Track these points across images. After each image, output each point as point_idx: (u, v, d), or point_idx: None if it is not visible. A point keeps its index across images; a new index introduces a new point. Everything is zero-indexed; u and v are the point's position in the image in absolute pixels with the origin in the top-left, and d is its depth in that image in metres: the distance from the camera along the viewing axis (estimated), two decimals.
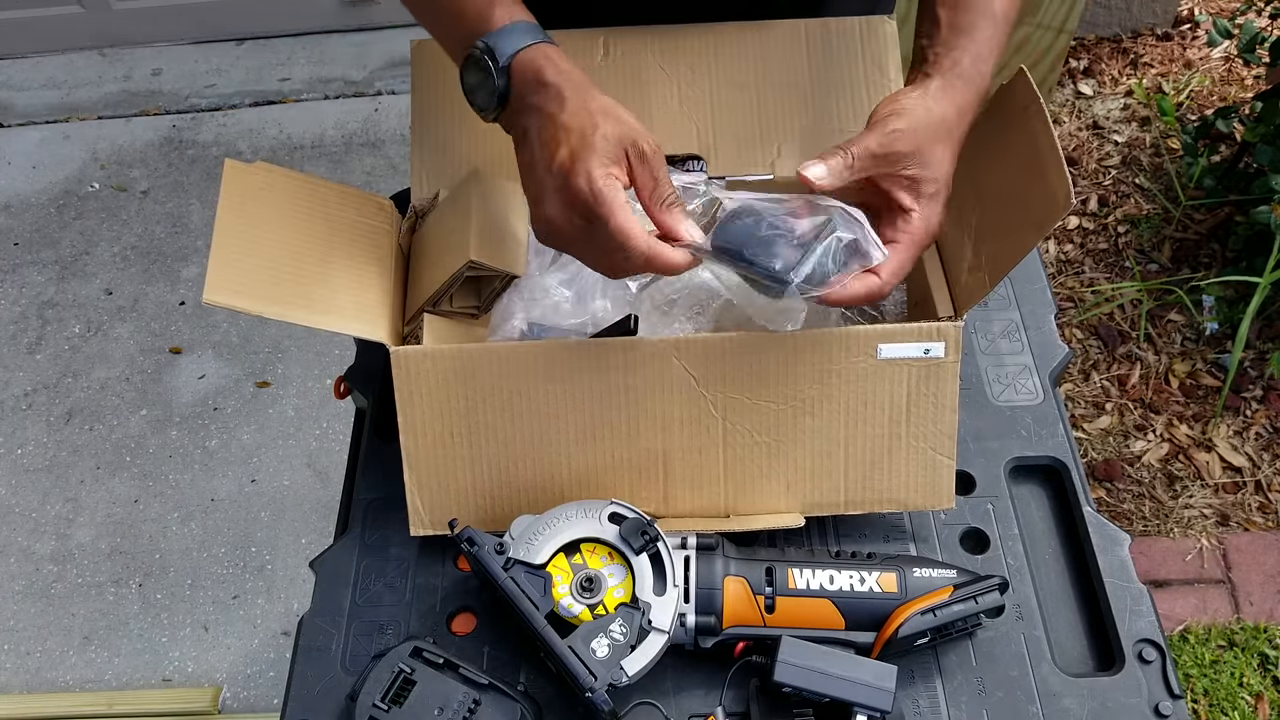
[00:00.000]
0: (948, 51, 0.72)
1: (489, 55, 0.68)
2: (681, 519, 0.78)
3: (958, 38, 0.72)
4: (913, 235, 0.69)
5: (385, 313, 0.79)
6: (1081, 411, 1.89)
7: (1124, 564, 0.79)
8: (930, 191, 0.68)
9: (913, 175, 0.68)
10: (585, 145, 0.64)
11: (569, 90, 0.67)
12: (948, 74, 0.71)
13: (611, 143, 0.65)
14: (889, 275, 0.68)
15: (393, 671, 0.70)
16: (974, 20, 0.73)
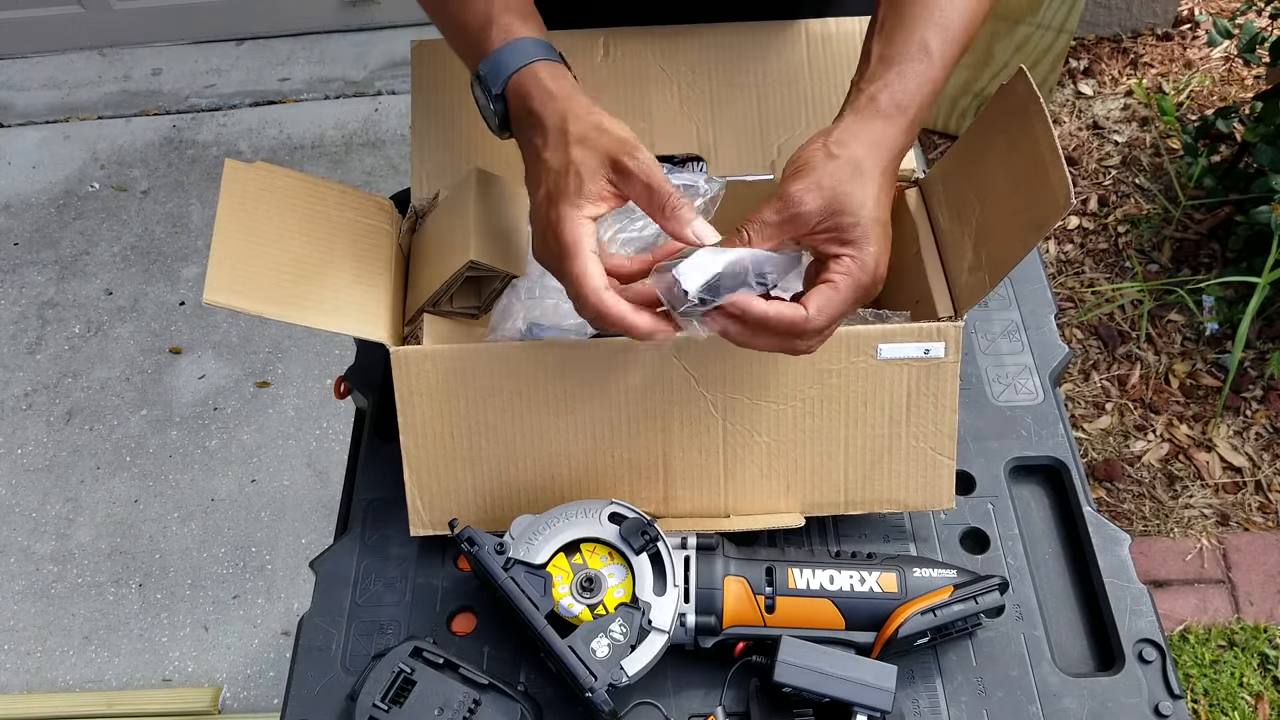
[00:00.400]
0: (867, 87, 0.69)
1: (482, 83, 0.69)
2: (681, 519, 0.78)
3: (884, 72, 0.69)
4: (847, 274, 0.65)
5: (385, 313, 0.79)
6: (1082, 411, 1.89)
7: (1124, 564, 0.79)
8: (855, 236, 0.65)
9: (830, 225, 0.65)
10: (560, 186, 0.65)
11: (551, 119, 0.67)
12: (861, 111, 0.68)
13: (588, 176, 0.65)
14: (815, 309, 0.64)
15: (393, 671, 0.70)
16: (903, 54, 0.70)
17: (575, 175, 0.65)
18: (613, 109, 0.86)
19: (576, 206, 0.65)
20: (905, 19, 0.71)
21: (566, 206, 0.65)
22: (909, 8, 0.71)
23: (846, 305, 0.66)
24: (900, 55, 0.70)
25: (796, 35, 0.90)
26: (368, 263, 0.80)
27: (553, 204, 0.65)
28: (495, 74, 0.69)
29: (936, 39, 0.70)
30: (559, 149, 0.66)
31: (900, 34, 0.70)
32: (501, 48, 0.69)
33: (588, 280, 0.64)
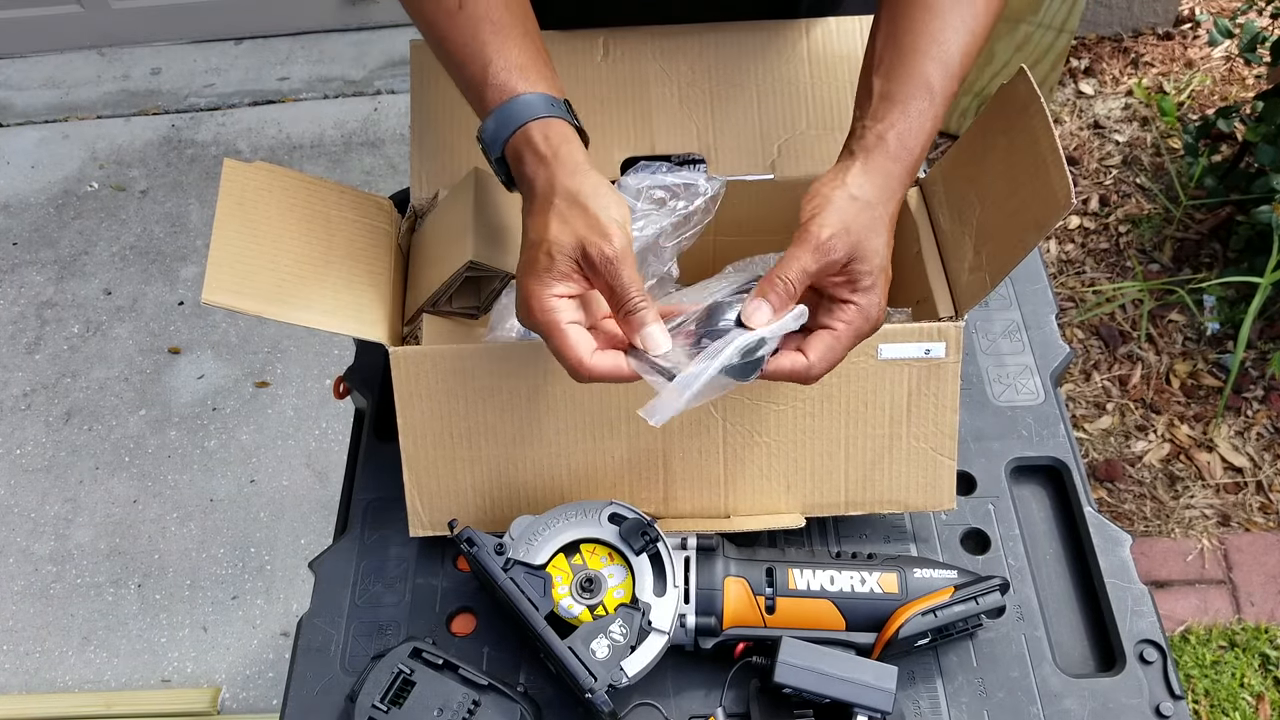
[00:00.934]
0: (874, 125, 0.69)
1: (484, 146, 0.69)
2: (681, 519, 0.78)
3: (888, 110, 0.69)
4: (850, 324, 0.66)
5: (384, 313, 0.78)
6: (1082, 412, 1.89)
7: (1125, 564, 0.79)
8: (866, 285, 0.65)
9: (846, 271, 0.65)
10: (532, 261, 0.65)
11: (540, 186, 0.66)
12: (872, 152, 0.68)
13: (559, 256, 0.64)
14: (817, 358, 0.65)
15: (392, 672, 0.69)
16: (906, 92, 0.69)
17: (547, 254, 0.64)
18: (613, 109, 0.86)
19: (545, 285, 0.64)
20: (906, 55, 0.70)
21: (536, 284, 0.64)
22: (909, 43, 0.70)
23: (845, 351, 0.67)
24: (904, 94, 0.69)
25: (797, 35, 0.90)
26: (367, 263, 0.80)
27: (525, 276, 0.65)
28: (493, 138, 0.68)
29: (938, 76, 0.70)
30: (539, 220, 0.65)
31: (902, 71, 0.70)
32: (499, 108, 0.68)
33: (570, 353, 0.64)
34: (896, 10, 0.72)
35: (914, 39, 0.70)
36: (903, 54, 0.70)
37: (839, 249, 0.64)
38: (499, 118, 0.68)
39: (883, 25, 0.73)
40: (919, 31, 0.71)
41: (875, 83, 0.71)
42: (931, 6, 0.71)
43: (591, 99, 0.87)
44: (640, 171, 0.83)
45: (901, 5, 0.72)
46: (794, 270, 0.64)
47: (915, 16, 0.71)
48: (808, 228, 0.65)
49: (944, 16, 0.71)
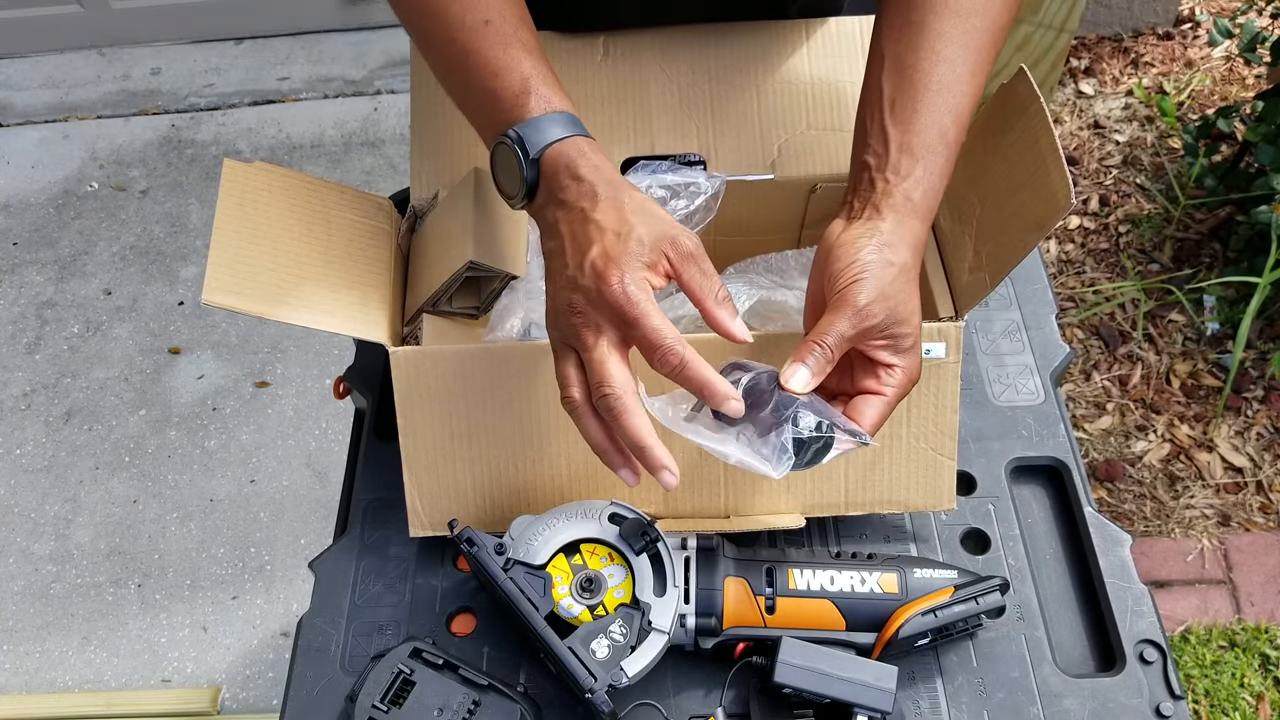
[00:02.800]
0: (899, 181, 0.68)
1: (520, 146, 0.66)
2: (681, 519, 0.78)
3: (911, 166, 0.68)
4: (896, 387, 0.66)
5: (384, 313, 0.78)
6: (1082, 412, 1.89)
7: (1125, 564, 0.79)
8: (907, 346, 0.66)
9: (888, 335, 0.65)
10: (620, 247, 0.62)
11: (602, 188, 0.65)
12: (901, 211, 0.67)
13: (647, 245, 0.63)
14: (870, 425, 0.66)
15: (392, 672, 0.69)
16: (925, 145, 0.68)
17: (637, 240, 0.62)
18: (613, 109, 0.86)
19: (637, 269, 0.62)
20: (921, 106, 0.69)
21: (630, 267, 0.62)
22: (923, 93, 0.69)
23: (891, 411, 0.67)
24: (923, 147, 0.68)
25: (797, 35, 0.90)
26: (367, 263, 0.80)
27: (613, 262, 0.62)
28: (535, 138, 0.66)
29: (953, 128, 0.69)
30: (614, 213, 0.64)
31: (918, 121, 0.69)
32: (542, 116, 0.67)
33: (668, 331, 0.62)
34: (901, 54, 0.71)
35: (925, 87, 0.69)
36: (916, 102, 0.69)
37: (878, 314, 0.64)
38: (544, 122, 0.66)
39: (887, 67, 0.71)
40: (928, 79, 0.69)
41: (891, 131, 0.69)
42: (939, 53, 0.70)
43: (591, 99, 0.87)
44: (640, 171, 0.83)
45: (906, 49, 0.71)
46: (832, 336, 0.64)
47: (923, 65, 0.70)
48: (846, 294, 0.64)
49: (952, 64, 0.70)
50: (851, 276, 0.65)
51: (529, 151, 0.66)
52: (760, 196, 0.87)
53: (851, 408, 0.66)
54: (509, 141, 0.67)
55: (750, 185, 0.86)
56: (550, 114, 0.67)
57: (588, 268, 0.63)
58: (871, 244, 0.66)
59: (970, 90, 0.70)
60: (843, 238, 0.67)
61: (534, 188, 0.68)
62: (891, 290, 0.65)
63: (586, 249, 0.63)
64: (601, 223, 0.64)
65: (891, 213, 0.67)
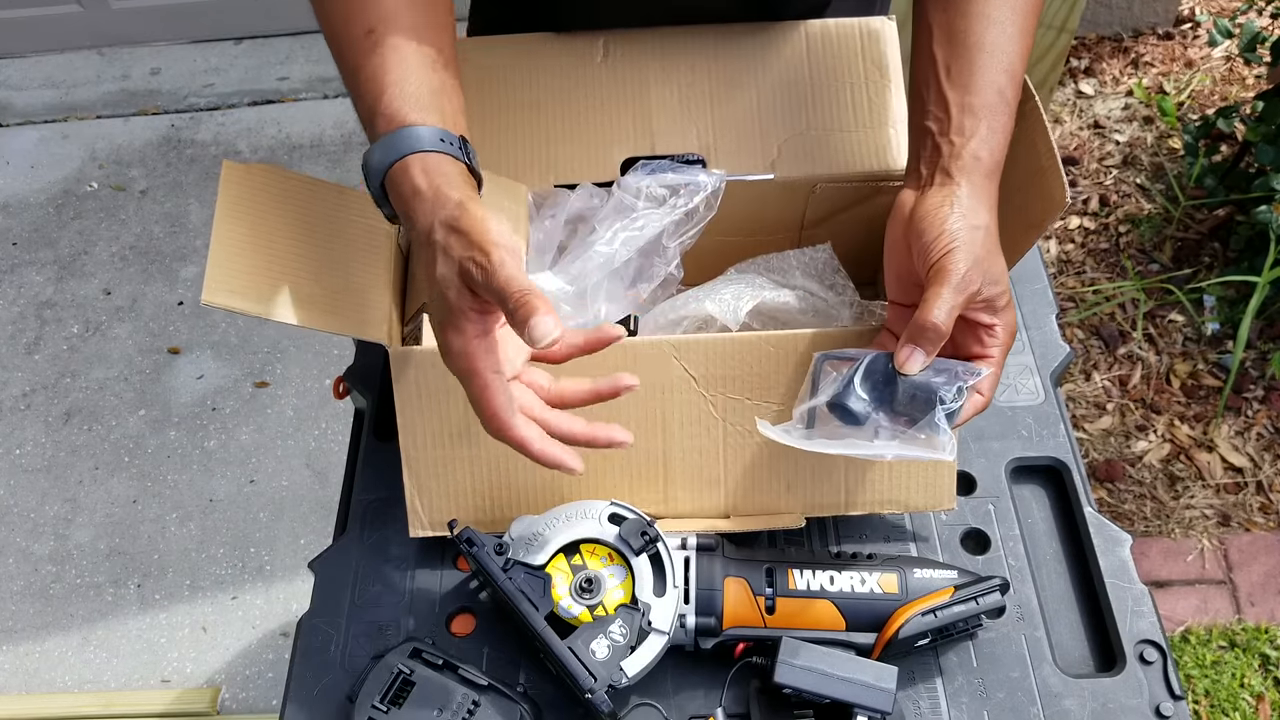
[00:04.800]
0: (965, 142, 0.68)
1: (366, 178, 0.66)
2: (681, 519, 0.78)
3: (975, 125, 0.68)
4: (1002, 345, 0.67)
5: (384, 313, 0.78)
6: (1083, 412, 1.89)
7: (1125, 564, 0.79)
8: (1003, 304, 0.67)
9: (985, 297, 0.66)
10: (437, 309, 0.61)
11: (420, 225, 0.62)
12: (972, 172, 0.67)
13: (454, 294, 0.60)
14: (989, 390, 0.67)
15: (392, 672, 0.69)
16: (986, 105, 0.69)
17: (441, 296, 0.61)
18: (613, 109, 0.86)
19: (458, 330, 0.61)
20: (977, 67, 0.70)
21: (450, 333, 0.61)
22: (977, 55, 0.70)
23: (1001, 368, 0.68)
24: (984, 107, 0.69)
25: (796, 36, 0.90)
26: (366, 263, 0.80)
27: (438, 326, 0.62)
28: (375, 169, 0.65)
29: (1009, 87, 0.70)
30: (430, 263, 0.61)
31: (977, 82, 0.69)
32: (382, 139, 0.65)
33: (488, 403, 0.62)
34: (951, 20, 0.72)
35: (978, 49, 0.70)
36: (971, 65, 0.70)
37: (975, 280, 0.65)
38: (383, 147, 0.64)
39: (937, 35, 0.72)
40: (980, 42, 0.70)
41: (950, 94, 0.70)
42: (988, 15, 0.71)
43: (591, 99, 0.87)
44: (640, 170, 0.83)
45: (955, 15, 0.72)
46: (943, 312, 0.64)
47: (974, 28, 0.71)
48: (943, 265, 0.65)
49: (1002, 25, 0.71)
50: (944, 247, 0.65)
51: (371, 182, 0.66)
52: (760, 196, 0.87)
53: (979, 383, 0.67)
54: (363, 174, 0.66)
55: (750, 185, 0.86)
56: (391, 133, 0.64)
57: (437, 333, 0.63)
58: (955, 211, 0.66)
59: (1020, 50, 0.71)
60: (923, 208, 0.67)
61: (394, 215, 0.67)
62: (983, 254, 0.65)
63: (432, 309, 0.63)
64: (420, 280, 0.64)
65: (963, 175, 0.68)
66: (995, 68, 0.70)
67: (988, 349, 0.67)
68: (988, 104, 0.69)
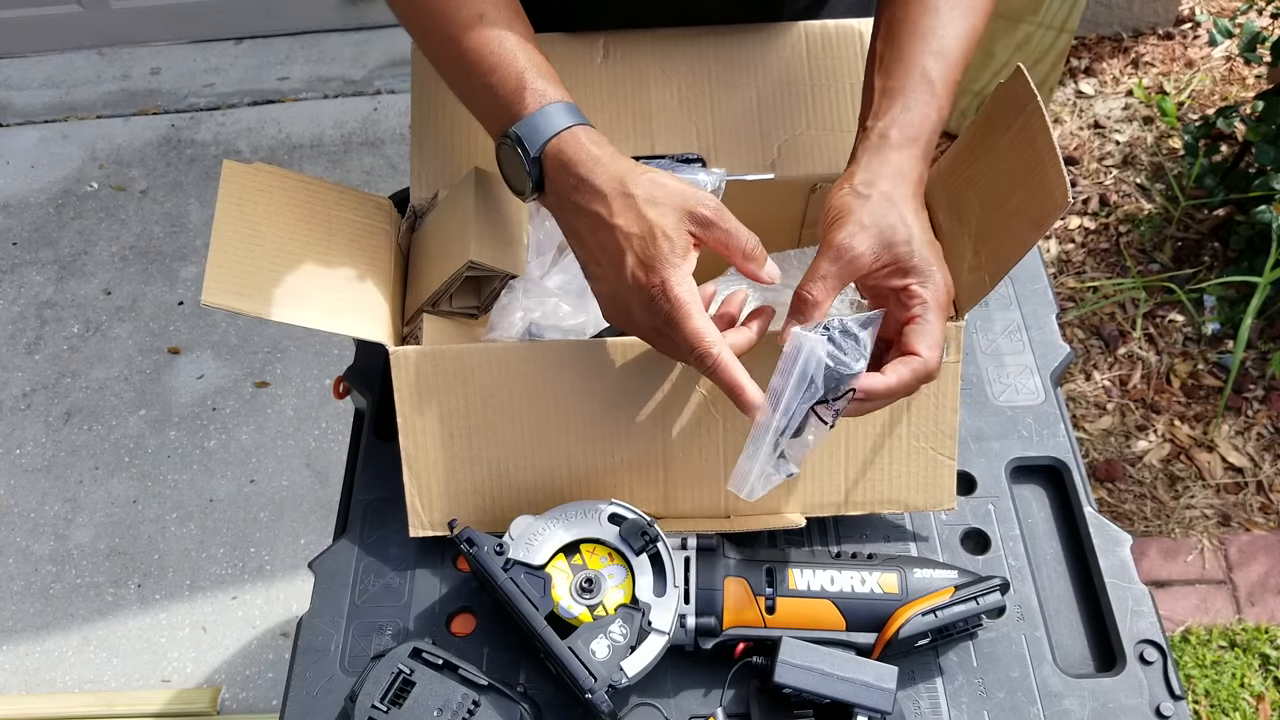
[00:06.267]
0: (875, 123, 0.70)
1: (520, 145, 0.67)
2: (681, 519, 0.78)
3: (889, 107, 0.70)
4: (928, 302, 0.66)
5: (384, 313, 0.78)
6: (1083, 412, 1.89)
7: (1125, 564, 0.79)
8: (915, 262, 0.66)
9: (887, 260, 0.66)
10: (650, 251, 0.64)
11: (607, 184, 0.65)
12: (875, 148, 0.69)
13: (673, 237, 0.64)
14: (925, 348, 0.65)
15: (392, 672, 0.69)
16: (905, 86, 0.70)
17: (664, 236, 0.64)
18: (613, 109, 0.86)
19: (676, 267, 0.64)
20: (903, 51, 0.71)
21: (668, 270, 0.64)
22: (905, 40, 0.72)
23: (941, 327, 0.67)
24: (902, 88, 0.70)
25: (796, 36, 0.90)
26: (367, 263, 0.80)
27: (650, 269, 0.64)
28: (533, 137, 0.67)
29: (936, 67, 0.71)
30: (629, 213, 0.65)
31: (900, 66, 0.71)
32: (538, 111, 0.68)
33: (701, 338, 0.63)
34: (894, 13, 0.74)
35: (910, 35, 0.72)
36: (901, 51, 0.72)
37: (860, 245, 0.65)
38: (539, 118, 0.67)
39: (881, 28, 0.75)
40: (914, 28, 0.72)
41: (876, 82, 0.72)
42: (928, 4, 0.72)
43: (591, 100, 0.87)
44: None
45: (898, 7, 0.73)
46: (814, 280, 0.65)
47: (910, 16, 0.72)
48: (826, 238, 0.66)
49: (938, 10, 0.72)
50: (828, 220, 0.67)
51: (529, 150, 0.67)
52: (760, 196, 0.87)
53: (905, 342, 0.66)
54: (510, 141, 0.68)
55: (750, 185, 0.86)
56: (546, 107, 0.68)
57: (630, 279, 0.65)
58: (845, 188, 0.68)
59: (960, 30, 0.72)
60: (828, 193, 0.69)
61: (541, 184, 0.69)
62: (872, 219, 0.66)
63: (622, 259, 0.65)
64: (624, 229, 0.65)
65: (865, 153, 0.69)
66: (922, 50, 0.71)
67: (911, 310, 0.66)
68: (906, 85, 0.70)
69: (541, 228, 0.85)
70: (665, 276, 0.64)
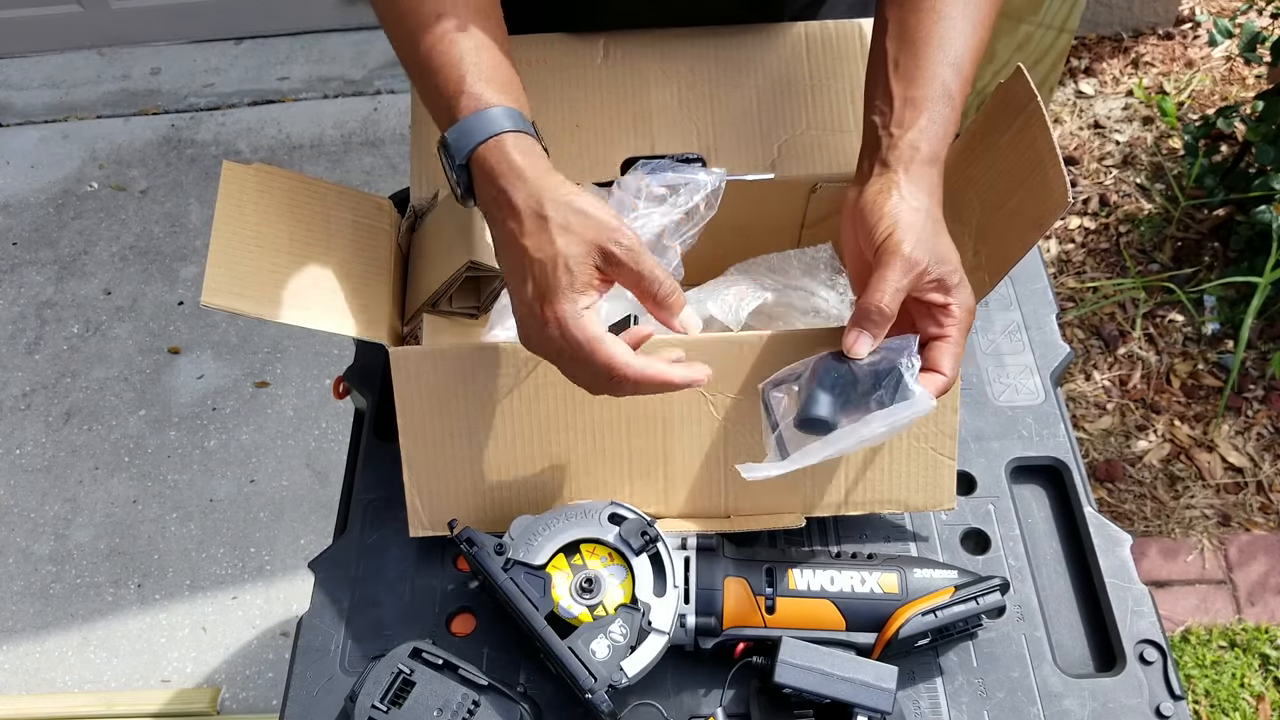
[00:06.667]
0: (903, 134, 0.69)
1: (445, 151, 0.67)
2: (681, 519, 0.78)
3: (915, 118, 0.70)
4: (959, 323, 0.67)
5: (384, 313, 0.78)
6: (1083, 411, 1.89)
7: (1125, 564, 0.79)
8: (955, 281, 0.67)
9: (935, 276, 0.66)
10: (550, 282, 0.62)
11: (524, 201, 0.64)
12: (909, 161, 0.69)
13: (576, 266, 0.62)
14: (949, 368, 0.67)
15: (392, 672, 0.69)
16: (928, 98, 0.70)
17: (565, 269, 0.62)
18: (613, 109, 0.86)
19: (573, 301, 0.62)
20: (922, 61, 0.71)
21: (564, 304, 0.62)
22: (924, 49, 0.71)
23: (963, 346, 0.68)
24: (926, 100, 0.70)
25: (796, 37, 0.90)
26: (367, 263, 0.80)
27: (548, 302, 0.63)
28: (460, 143, 0.66)
29: (954, 80, 0.71)
30: (539, 236, 0.63)
31: (921, 76, 0.71)
32: (471, 116, 0.66)
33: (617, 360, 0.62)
34: (904, 15, 0.73)
35: (926, 43, 0.72)
36: (919, 60, 0.71)
37: (922, 259, 0.65)
38: (470, 124, 0.66)
39: (890, 29, 0.74)
40: (929, 36, 0.72)
41: (895, 88, 0.71)
42: (938, 10, 0.72)
43: (591, 100, 0.87)
44: (639, 170, 0.82)
45: (908, 10, 0.73)
46: (888, 294, 0.65)
47: (924, 23, 0.72)
48: (888, 246, 0.65)
49: (951, 19, 0.72)
50: (887, 230, 0.66)
51: (454, 157, 0.66)
52: (760, 196, 0.87)
53: (930, 359, 0.67)
54: (439, 147, 0.68)
55: (750, 185, 0.86)
56: (482, 111, 0.66)
57: (533, 306, 0.64)
58: (894, 196, 0.67)
59: (971, 43, 0.72)
60: (865, 198, 0.68)
61: (471, 191, 0.68)
62: (925, 235, 0.66)
63: (524, 283, 0.64)
64: (531, 251, 0.63)
65: (901, 165, 0.69)
66: (940, 61, 0.71)
67: (945, 329, 0.67)
68: (929, 96, 0.70)
69: None
70: (560, 311, 0.62)
